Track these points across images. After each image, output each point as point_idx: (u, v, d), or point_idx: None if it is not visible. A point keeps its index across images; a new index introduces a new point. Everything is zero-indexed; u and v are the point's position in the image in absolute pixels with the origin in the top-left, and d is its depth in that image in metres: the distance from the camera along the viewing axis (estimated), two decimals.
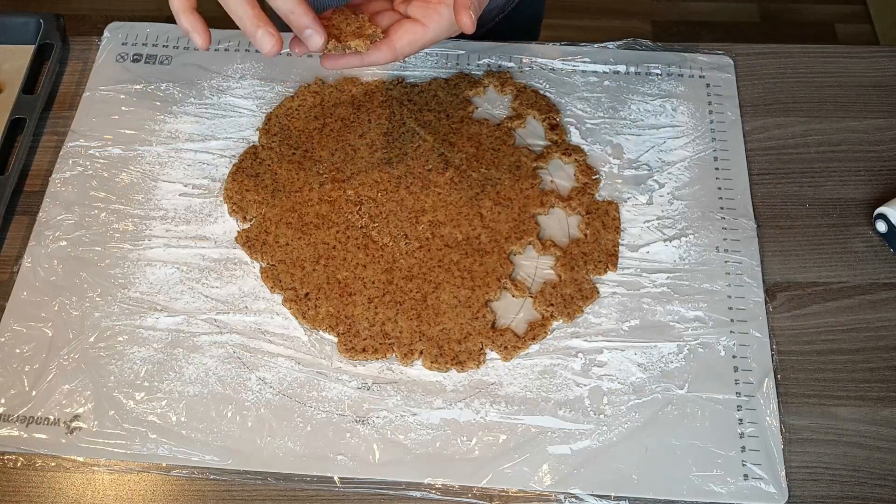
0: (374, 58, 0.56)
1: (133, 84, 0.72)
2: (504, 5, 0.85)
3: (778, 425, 0.57)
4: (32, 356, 0.59)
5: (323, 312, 0.61)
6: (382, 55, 0.56)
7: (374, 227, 0.64)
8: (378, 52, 0.56)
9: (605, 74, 0.73)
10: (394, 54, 0.56)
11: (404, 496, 0.55)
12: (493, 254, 0.63)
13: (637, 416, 0.57)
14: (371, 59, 0.56)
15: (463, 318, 0.61)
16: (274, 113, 0.70)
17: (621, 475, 0.55)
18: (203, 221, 0.66)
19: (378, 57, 0.56)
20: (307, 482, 0.56)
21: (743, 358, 0.60)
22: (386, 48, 0.56)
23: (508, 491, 0.55)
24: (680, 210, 0.66)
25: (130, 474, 0.56)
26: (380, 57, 0.56)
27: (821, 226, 0.66)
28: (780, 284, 0.63)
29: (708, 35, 1.78)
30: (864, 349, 0.61)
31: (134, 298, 0.62)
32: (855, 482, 0.56)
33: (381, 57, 0.56)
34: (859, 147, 0.70)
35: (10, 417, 0.57)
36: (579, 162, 0.68)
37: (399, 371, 0.59)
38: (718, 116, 0.71)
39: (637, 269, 0.63)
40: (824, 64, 0.74)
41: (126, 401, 0.58)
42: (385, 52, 0.56)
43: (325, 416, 0.57)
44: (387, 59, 0.57)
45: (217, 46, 0.74)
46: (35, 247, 0.64)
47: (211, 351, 0.60)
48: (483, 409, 0.58)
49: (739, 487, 0.55)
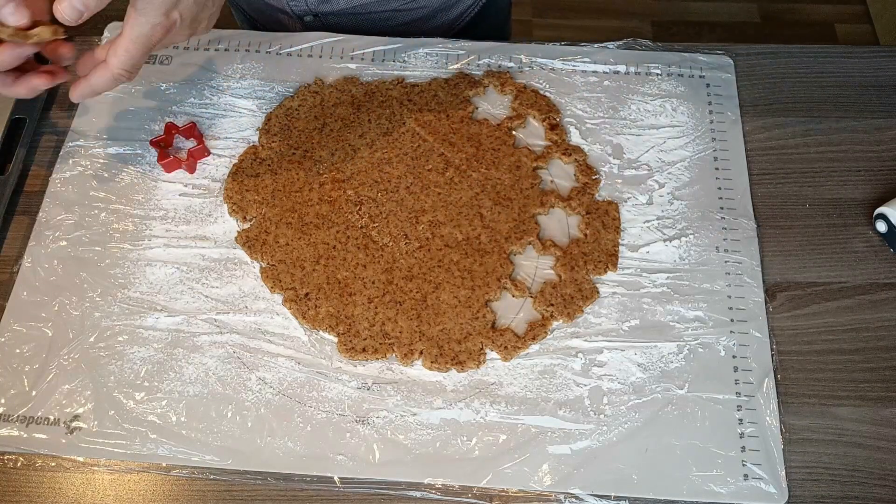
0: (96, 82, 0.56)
1: (133, 84, 0.72)
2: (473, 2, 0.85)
3: (778, 425, 0.57)
4: (32, 356, 0.59)
5: (323, 312, 0.61)
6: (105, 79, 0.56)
7: (374, 227, 0.64)
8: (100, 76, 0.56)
9: (605, 74, 0.73)
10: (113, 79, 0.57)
11: (404, 496, 0.55)
12: (493, 254, 0.63)
13: (637, 416, 0.57)
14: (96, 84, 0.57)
15: (463, 318, 0.61)
16: (274, 113, 0.70)
17: (621, 475, 0.55)
18: (203, 221, 0.66)
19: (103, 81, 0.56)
20: (307, 482, 0.56)
21: (743, 358, 0.60)
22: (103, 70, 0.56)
23: (508, 491, 0.55)
24: (680, 210, 0.66)
25: (130, 474, 0.56)
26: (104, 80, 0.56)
27: (821, 226, 0.66)
28: (780, 284, 0.63)
29: (708, 35, 1.78)
30: (864, 349, 0.61)
31: (134, 298, 0.62)
32: (855, 482, 0.56)
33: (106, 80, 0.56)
34: (859, 147, 0.70)
35: (10, 417, 0.57)
36: (579, 162, 0.68)
37: (399, 371, 0.59)
38: (718, 116, 0.71)
39: (637, 269, 0.63)
40: (824, 64, 0.74)
41: (126, 401, 0.58)
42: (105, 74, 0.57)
43: (325, 416, 0.57)
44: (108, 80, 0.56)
45: (217, 46, 0.74)
46: (35, 247, 0.64)
47: (211, 351, 0.60)
48: (483, 409, 0.58)
49: (739, 487, 0.55)
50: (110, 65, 0.55)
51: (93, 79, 0.56)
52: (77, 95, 0.58)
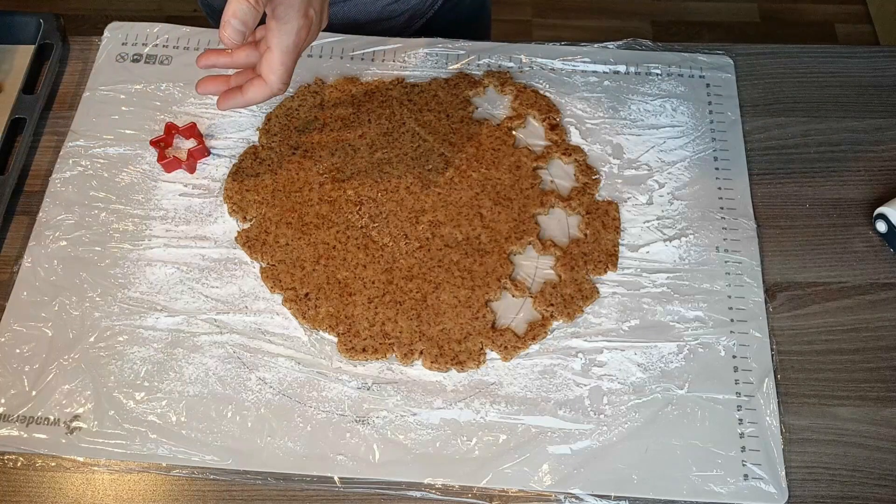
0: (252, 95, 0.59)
1: (133, 84, 0.72)
2: (421, 8, 0.83)
3: (778, 425, 0.57)
4: (32, 356, 0.59)
5: (323, 312, 0.61)
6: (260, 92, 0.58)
7: (374, 227, 0.64)
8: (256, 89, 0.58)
9: (605, 74, 0.73)
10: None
11: (404, 496, 0.55)
12: (493, 254, 0.63)
13: (637, 416, 0.57)
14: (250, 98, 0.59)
15: (463, 318, 0.61)
16: (274, 113, 0.70)
17: (621, 475, 0.55)
18: (203, 221, 0.66)
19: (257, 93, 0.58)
20: (307, 482, 0.56)
21: (743, 358, 0.60)
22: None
23: (508, 491, 0.55)
24: (680, 210, 0.66)
25: (130, 474, 0.56)
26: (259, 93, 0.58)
27: (821, 226, 0.66)
28: (780, 284, 0.63)
29: (708, 35, 1.78)
30: (864, 349, 0.61)
31: (134, 298, 0.62)
32: (855, 482, 0.56)
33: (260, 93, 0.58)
34: (859, 147, 0.70)
35: (10, 417, 0.57)
36: (579, 162, 0.68)
37: (399, 371, 0.59)
38: (718, 116, 0.71)
39: (637, 269, 0.63)
40: (824, 64, 0.74)
41: (126, 401, 0.58)
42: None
43: (325, 416, 0.57)
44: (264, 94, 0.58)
45: (217, 46, 0.74)
46: (35, 247, 0.64)
47: (211, 351, 0.60)
48: (483, 409, 0.58)
49: (739, 487, 0.55)
50: (269, 82, 0.57)
51: (249, 93, 0.58)
52: (227, 105, 0.60)
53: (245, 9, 0.52)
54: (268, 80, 0.57)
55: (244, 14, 0.52)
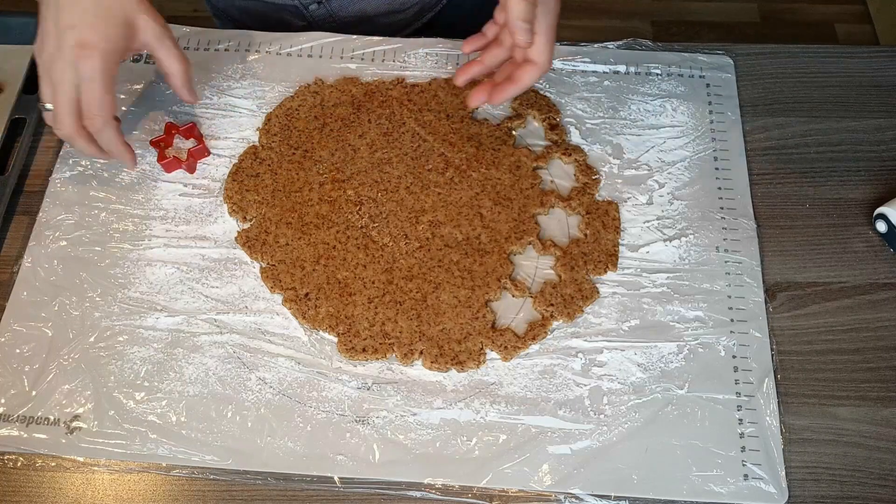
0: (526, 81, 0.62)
1: (133, 84, 0.72)
2: (431, 1, 0.85)
3: (778, 425, 0.57)
4: (32, 356, 0.59)
5: (323, 312, 0.61)
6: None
7: (374, 227, 0.64)
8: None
9: (605, 74, 0.73)
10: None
11: (404, 496, 0.55)
12: (493, 254, 0.63)
13: (637, 416, 0.57)
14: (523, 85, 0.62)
15: (463, 318, 0.61)
16: (274, 113, 0.70)
17: (621, 475, 0.55)
18: (203, 221, 0.66)
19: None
20: (307, 482, 0.56)
21: (743, 358, 0.60)
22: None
23: (508, 491, 0.55)
24: (680, 210, 0.66)
25: (130, 474, 0.56)
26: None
27: (821, 226, 0.66)
28: (780, 284, 0.63)
29: (708, 35, 1.78)
30: (864, 349, 0.61)
31: (134, 298, 0.62)
32: (855, 482, 0.56)
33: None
34: (859, 147, 0.70)
35: (10, 417, 0.57)
36: (579, 162, 0.68)
37: (399, 371, 0.59)
38: (718, 116, 0.71)
39: (637, 269, 0.63)
40: (824, 64, 0.74)
41: (126, 401, 0.58)
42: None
43: (325, 416, 0.57)
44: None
45: (217, 46, 0.74)
46: (35, 247, 0.64)
47: (211, 351, 0.60)
48: (483, 409, 0.58)
49: (739, 487, 0.55)
50: (541, 63, 0.60)
51: (524, 79, 0.61)
52: (503, 98, 0.62)
53: (528, 8, 0.56)
54: (539, 61, 0.60)
55: (528, 13, 0.56)
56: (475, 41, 0.65)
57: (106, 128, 0.60)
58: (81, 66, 0.58)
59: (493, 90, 0.63)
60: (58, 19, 0.58)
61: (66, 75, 0.58)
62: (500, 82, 0.63)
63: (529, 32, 0.57)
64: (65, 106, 0.59)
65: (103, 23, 0.58)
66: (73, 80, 0.58)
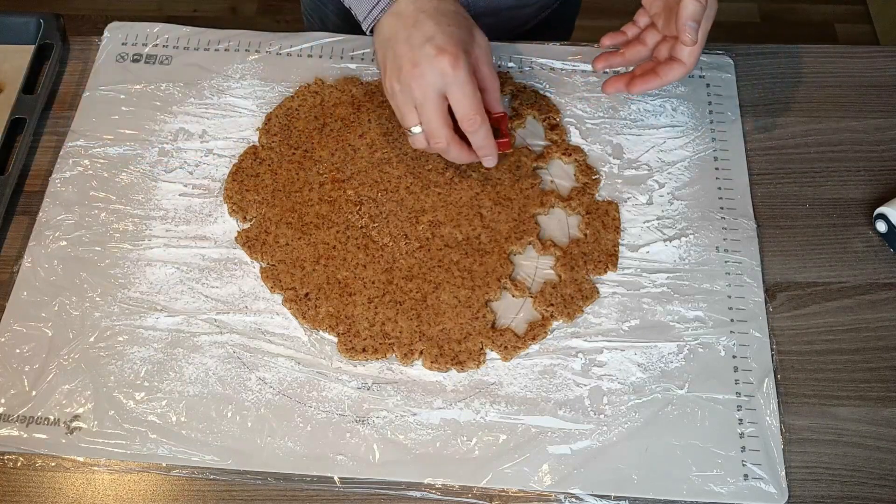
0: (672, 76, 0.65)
1: (133, 84, 0.72)
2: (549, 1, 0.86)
3: (778, 425, 0.57)
4: (32, 356, 0.59)
5: (323, 312, 0.61)
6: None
7: (374, 227, 0.64)
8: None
9: (605, 74, 0.73)
10: None
11: (404, 496, 0.55)
12: (493, 254, 0.63)
13: (637, 416, 0.57)
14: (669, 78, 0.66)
15: (463, 318, 0.61)
16: (274, 113, 0.70)
17: (621, 475, 0.55)
18: (203, 221, 0.66)
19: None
20: (307, 482, 0.56)
21: (743, 358, 0.60)
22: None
23: (508, 491, 0.55)
24: (680, 210, 0.66)
25: (130, 474, 0.56)
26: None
27: (821, 226, 0.66)
28: (780, 284, 0.63)
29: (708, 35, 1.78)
30: (864, 349, 0.61)
31: (134, 298, 0.62)
32: (855, 482, 0.56)
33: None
34: (859, 147, 0.70)
35: (10, 417, 0.57)
36: (579, 162, 0.68)
37: (399, 371, 0.59)
38: (718, 116, 0.71)
39: (637, 269, 0.63)
40: (824, 64, 0.74)
41: (126, 401, 0.58)
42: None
43: (325, 416, 0.57)
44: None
45: (217, 46, 0.74)
46: (35, 247, 0.64)
47: (211, 351, 0.60)
48: (483, 409, 0.58)
49: (739, 487, 0.55)
50: (688, 64, 0.64)
51: (669, 75, 0.65)
52: (643, 89, 0.66)
53: (700, 10, 0.60)
54: (688, 62, 0.64)
55: (699, 14, 0.61)
56: (615, 37, 0.69)
57: (483, 125, 0.61)
58: (448, 70, 0.58)
59: (632, 81, 0.66)
60: (409, 40, 0.59)
61: (431, 87, 0.59)
62: (641, 75, 0.66)
63: (696, 32, 0.61)
64: (438, 118, 0.59)
65: (456, 30, 0.60)
66: (440, 87, 0.59)
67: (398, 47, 0.59)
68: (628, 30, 0.69)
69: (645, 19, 0.68)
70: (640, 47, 0.68)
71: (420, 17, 0.59)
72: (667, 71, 0.64)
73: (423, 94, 0.59)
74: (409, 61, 0.59)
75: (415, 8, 0.60)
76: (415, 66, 0.58)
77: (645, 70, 0.66)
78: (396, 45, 0.60)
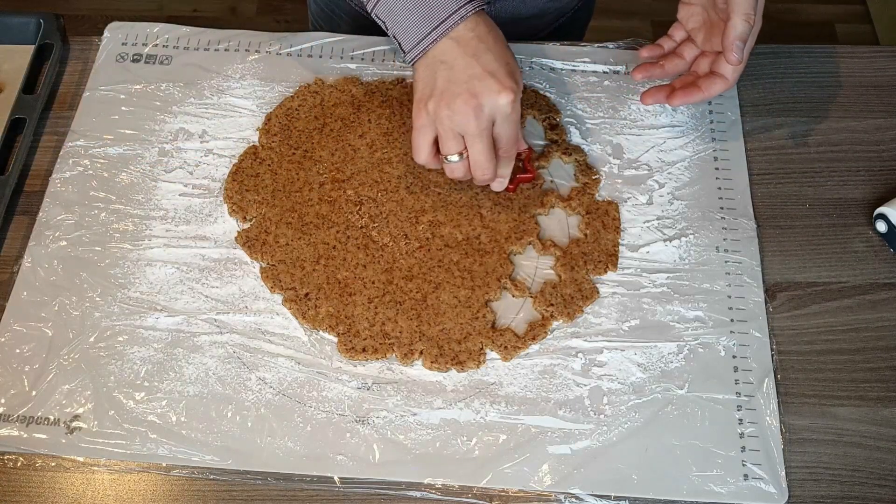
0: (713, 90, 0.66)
1: (133, 84, 0.72)
2: (568, 7, 0.86)
3: (778, 425, 0.57)
4: (32, 356, 0.59)
5: (323, 312, 0.61)
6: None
7: (374, 227, 0.64)
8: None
9: (605, 74, 0.73)
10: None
11: (404, 496, 0.55)
12: (493, 254, 0.63)
13: (637, 416, 0.57)
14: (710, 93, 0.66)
15: (463, 318, 0.61)
16: (274, 113, 0.70)
17: (621, 475, 0.55)
18: (203, 221, 0.66)
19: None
20: (307, 482, 0.56)
21: (743, 358, 0.60)
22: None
23: (508, 491, 0.55)
24: (680, 210, 0.66)
25: (130, 474, 0.56)
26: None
27: (821, 226, 0.66)
28: (780, 284, 0.63)
29: None
30: (864, 349, 0.61)
31: (134, 298, 0.62)
32: (855, 482, 0.56)
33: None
34: (859, 147, 0.70)
35: (10, 417, 0.57)
36: (579, 162, 0.68)
37: (399, 371, 0.59)
38: (718, 116, 0.71)
39: (637, 269, 0.63)
40: (824, 64, 0.74)
41: (126, 401, 0.58)
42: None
43: (325, 416, 0.57)
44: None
45: (217, 46, 0.74)
46: (35, 247, 0.64)
47: (211, 351, 0.60)
48: (483, 409, 0.58)
49: (739, 487, 0.55)
50: (731, 80, 0.65)
51: (711, 89, 0.65)
52: (684, 102, 0.67)
53: (748, 30, 0.61)
54: (730, 78, 0.64)
55: (747, 34, 0.61)
56: (653, 49, 0.69)
57: (514, 158, 0.62)
58: (507, 107, 0.58)
59: (673, 93, 0.66)
60: (469, 69, 0.58)
61: (487, 120, 0.58)
62: (682, 87, 0.67)
63: (742, 52, 0.62)
64: (489, 151, 0.59)
65: (512, 61, 0.60)
66: (493, 120, 0.58)
67: (455, 73, 0.58)
68: (664, 43, 0.69)
69: (681, 33, 0.69)
70: (679, 60, 0.68)
71: (480, 48, 0.58)
72: (709, 85, 0.65)
73: (478, 126, 0.58)
74: (467, 91, 0.57)
75: (474, 35, 0.58)
76: (473, 97, 0.57)
77: (685, 83, 0.67)
78: (453, 70, 0.58)
